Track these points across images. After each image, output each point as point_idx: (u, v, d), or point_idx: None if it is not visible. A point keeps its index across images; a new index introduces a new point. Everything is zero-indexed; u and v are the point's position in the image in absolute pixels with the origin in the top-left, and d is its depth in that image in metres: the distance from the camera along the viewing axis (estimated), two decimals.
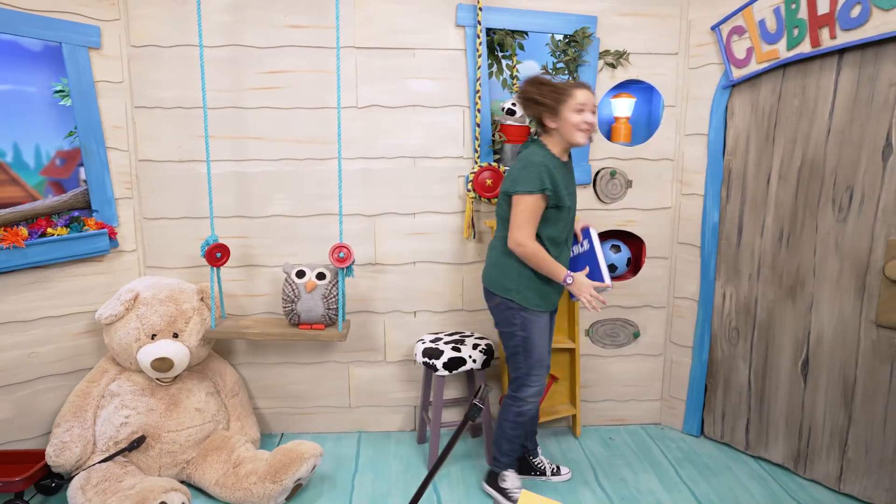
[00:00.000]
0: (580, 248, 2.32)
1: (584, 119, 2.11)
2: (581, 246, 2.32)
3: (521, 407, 2.26)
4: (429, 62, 2.68)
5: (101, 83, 2.54)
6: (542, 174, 2.07)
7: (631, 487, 2.50)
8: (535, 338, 2.22)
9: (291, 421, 2.91)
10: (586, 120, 2.11)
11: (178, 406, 2.44)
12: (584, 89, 2.13)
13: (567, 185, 2.18)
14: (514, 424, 2.29)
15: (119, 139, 2.61)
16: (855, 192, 2.29)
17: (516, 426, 2.29)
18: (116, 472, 2.24)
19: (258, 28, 2.60)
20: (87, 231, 2.53)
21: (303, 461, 2.31)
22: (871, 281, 2.27)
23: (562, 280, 2.12)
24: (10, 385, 2.44)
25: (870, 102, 2.22)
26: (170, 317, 2.44)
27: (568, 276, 2.12)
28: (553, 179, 2.09)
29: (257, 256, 2.76)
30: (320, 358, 2.87)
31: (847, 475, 2.41)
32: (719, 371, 2.83)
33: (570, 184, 2.22)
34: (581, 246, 2.32)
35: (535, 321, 2.21)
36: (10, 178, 2.57)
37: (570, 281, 2.13)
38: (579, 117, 2.10)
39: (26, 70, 2.54)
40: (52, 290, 2.50)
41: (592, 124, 2.14)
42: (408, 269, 2.83)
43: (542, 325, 2.24)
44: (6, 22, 2.32)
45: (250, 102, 2.65)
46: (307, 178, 2.71)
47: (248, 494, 2.27)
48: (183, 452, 2.40)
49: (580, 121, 2.10)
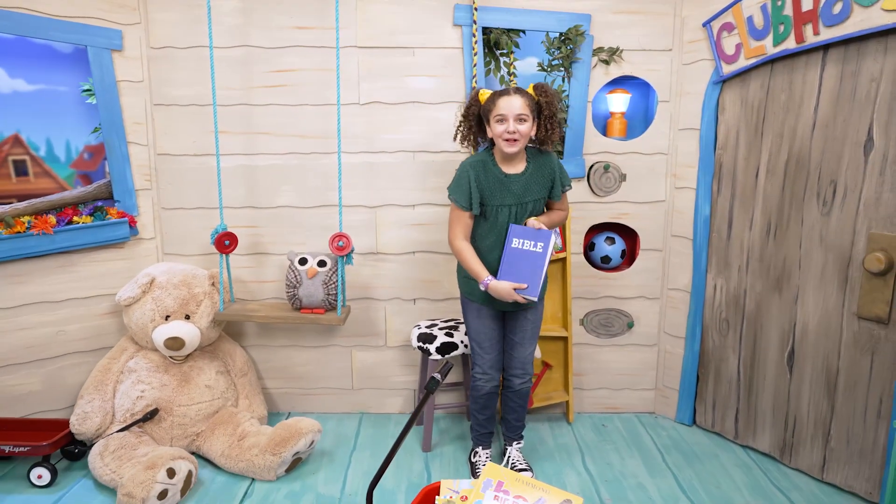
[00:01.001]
0: (535, 247, 2.22)
1: (505, 129, 2.14)
2: (535, 246, 2.22)
3: (473, 383, 2.44)
4: (427, 60, 2.81)
5: (122, 82, 2.74)
6: (463, 181, 2.22)
7: (615, 471, 2.59)
8: (471, 321, 2.40)
9: (298, 401, 3.08)
10: (507, 129, 2.14)
11: (190, 383, 2.63)
12: (506, 97, 2.15)
13: (501, 194, 2.22)
14: (472, 400, 2.48)
15: (139, 134, 2.81)
16: (838, 185, 2.32)
17: (474, 401, 2.48)
18: (132, 441, 2.44)
19: (266, 30, 2.76)
20: (109, 220, 2.74)
21: (301, 436, 2.47)
22: (853, 273, 2.31)
23: (480, 284, 2.23)
24: (40, 360, 2.67)
25: (852, 97, 2.25)
26: (182, 300, 2.63)
27: (482, 284, 2.22)
28: (479, 185, 2.21)
29: (266, 245, 2.93)
30: (325, 342, 3.03)
31: (829, 464, 2.45)
32: (710, 361, 2.88)
33: (506, 194, 2.23)
34: (535, 246, 2.22)
35: (470, 307, 2.39)
36: (43, 170, 2.79)
37: (483, 287, 2.23)
38: (501, 127, 2.15)
39: (58, 71, 2.75)
40: (77, 274, 2.72)
41: (515, 132, 2.14)
42: (407, 259, 2.96)
43: (476, 312, 2.37)
44: (39, 27, 2.53)
45: (259, 100, 2.82)
46: (312, 172, 2.87)
47: (251, 465, 2.45)
48: (193, 425, 2.59)
49: (502, 131, 2.15)
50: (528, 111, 2.17)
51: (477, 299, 2.36)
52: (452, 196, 2.27)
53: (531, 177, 2.28)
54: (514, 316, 2.40)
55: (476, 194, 2.22)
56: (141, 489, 2.13)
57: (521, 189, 2.26)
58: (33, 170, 2.76)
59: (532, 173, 2.28)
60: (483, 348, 2.39)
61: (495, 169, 2.24)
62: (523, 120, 2.16)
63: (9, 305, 2.59)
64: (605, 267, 3.02)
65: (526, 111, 2.16)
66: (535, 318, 2.42)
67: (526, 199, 2.27)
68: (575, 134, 2.84)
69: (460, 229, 2.29)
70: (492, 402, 2.48)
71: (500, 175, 2.24)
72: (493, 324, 2.39)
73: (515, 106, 2.14)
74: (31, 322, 2.64)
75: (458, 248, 2.28)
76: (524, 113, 2.15)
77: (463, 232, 2.29)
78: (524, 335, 2.40)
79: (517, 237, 2.25)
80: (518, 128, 2.15)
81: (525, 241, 2.23)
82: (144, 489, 2.14)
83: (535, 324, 2.42)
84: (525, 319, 2.39)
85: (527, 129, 2.18)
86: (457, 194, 2.26)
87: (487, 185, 2.23)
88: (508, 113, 2.14)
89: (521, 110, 2.15)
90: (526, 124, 2.17)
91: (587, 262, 3.00)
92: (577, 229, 2.94)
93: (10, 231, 2.51)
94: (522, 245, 2.23)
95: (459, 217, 2.28)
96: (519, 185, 2.26)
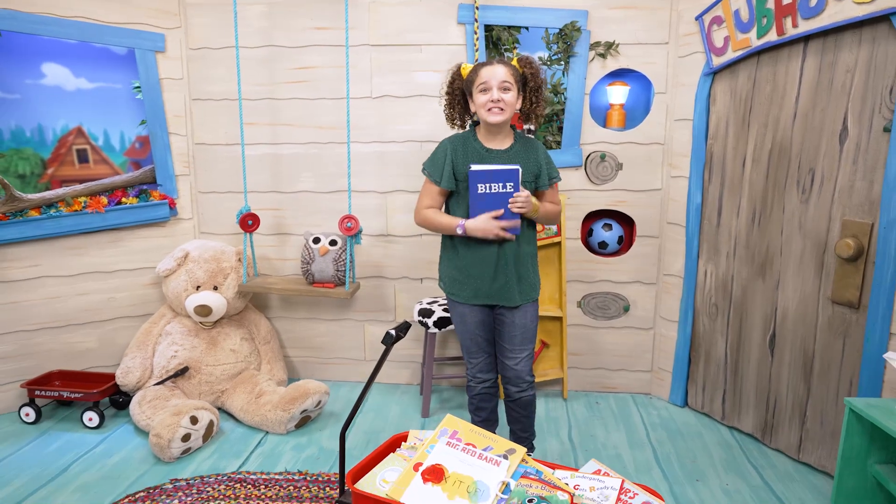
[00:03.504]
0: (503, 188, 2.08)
1: (488, 98, 2.07)
2: (504, 187, 2.08)
3: (467, 383, 2.41)
4: (434, 57, 3.03)
5: (165, 80, 3.10)
6: (438, 155, 2.16)
7: (598, 443, 2.75)
8: (457, 326, 2.31)
9: (315, 369, 3.39)
10: (491, 98, 2.06)
11: (217, 346, 2.97)
12: (489, 66, 2.09)
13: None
14: (468, 400, 2.44)
15: (179, 126, 3.18)
16: (816, 174, 2.39)
17: (469, 401, 2.44)
18: (165, 393, 2.80)
19: (289, 31, 3.06)
20: (152, 201, 3.12)
21: (308, 396, 2.77)
22: (828, 259, 2.37)
23: (455, 230, 2.12)
24: (94, 322, 3.09)
25: (829, 88, 2.31)
26: (212, 272, 2.98)
27: (458, 227, 2.11)
28: (454, 159, 2.13)
29: (288, 226, 3.24)
30: (340, 316, 3.32)
31: (805, 445, 2.53)
32: (701, 345, 2.98)
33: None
34: (504, 187, 2.08)
35: (456, 309, 2.29)
36: (101, 158, 3.20)
37: (461, 231, 2.10)
38: (484, 97, 2.08)
39: (114, 70, 3.14)
40: (125, 248, 3.11)
41: (499, 101, 2.06)
42: (415, 241, 3.20)
43: (460, 318, 2.28)
44: (96, 33, 2.92)
45: (283, 94, 3.12)
46: (329, 160, 3.15)
47: (264, 419, 2.76)
48: (218, 383, 2.94)
49: (485, 100, 2.08)
50: (513, 80, 2.09)
51: (460, 298, 2.25)
52: (426, 170, 2.20)
53: (516, 155, 2.17)
54: (502, 322, 2.26)
55: (449, 168, 2.14)
56: (167, 431, 2.48)
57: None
58: (93, 157, 3.17)
59: (517, 152, 2.18)
60: (471, 353, 2.33)
61: (476, 143, 2.17)
62: (507, 89, 2.08)
63: (70, 273, 3.01)
64: (603, 252, 3.16)
65: (510, 80, 2.08)
66: (525, 323, 2.25)
67: None
68: (572, 125, 2.99)
69: (427, 201, 2.20)
70: (485, 403, 2.40)
71: (481, 150, 2.16)
72: (479, 330, 2.28)
73: (499, 73, 2.07)
74: (87, 289, 3.06)
75: (421, 216, 2.20)
76: (508, 81, 2.07)
77: (429, 205, 2.20)
78: (513, 341, 2.25)
79: (481, 182, 2.07)
80: (502, 96, 2.07)
81: (491, 185, 2.07)
82: (170, 431, 2.48)
83: (524, 329, 2.25)
84: (513, 325, 2.23)
85: (511, 99, 2.09)
86: (430, 168, 2.19)
87: (465, 160, 2.13)
88: (491, 80, 2.06)
89: (504, 77, 2.07)
90: (510, 93, 2.09)
91: (586, 248, 3.15)
92: (574, 216, 3.10)
93: (69, 209, 2.92)
94: (489, 189, 2.07)
95: (429, 190, 2.20)
96: (501, 161, 2.14)
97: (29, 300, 2.92)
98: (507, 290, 2.20)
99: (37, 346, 2.96)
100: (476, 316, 2.27)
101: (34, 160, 2.96)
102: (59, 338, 3.01)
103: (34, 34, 2.79)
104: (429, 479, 1.73)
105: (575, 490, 1.74)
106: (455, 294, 2.27)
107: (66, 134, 3.06)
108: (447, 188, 2.17)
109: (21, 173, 2.93)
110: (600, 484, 1.74)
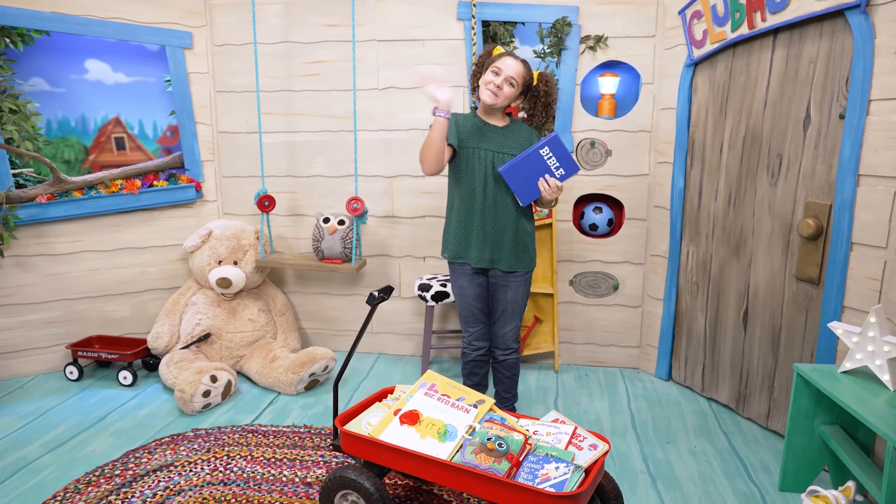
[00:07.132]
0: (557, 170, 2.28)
1: (493, 81, 2.32)
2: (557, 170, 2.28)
3: (462, 349, 2.67)
4: (435, 51, 3.26)
5: (192, 74, 3.42)
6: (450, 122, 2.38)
7: (580, 409, 2.96)
8: (457, 298, 2.58)
9: (327, 340, 3.68)
10: (495, 82, 2.31)
11: (236, 316, 3.28)
12: (511, 58, 2.34)
13: (477, 138, 2.39)
14: (462, 365, 2.69)
15: (204, 116, 3.49)
16: (783, 158, 2.55)
17: (463, 366, 2.68)
18: (190, 356, 3.12)
19: (303, 28, 3.33)
20: (180, 184, 3.44)
21: (316, 361, 3.05)
22: (793, 239, 2.53)
23: (435, 118, 2.28)
24: (129, 293, 3.43)
25: (795, 78, 2.46)
26: (232, 249, 3.28)
27: (435, 112, 2.28)
28: (457, 125, 2.39)
29: (302, 207, 3.53)
30: (350, 291, 3.60)
31: (773, 413, 2.70)
32: (684, 321, 3.16)
33: (482, 139, 2.39)
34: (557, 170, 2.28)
35: (455, 273, 2.55)
36: (136, 145, 3.54)
37: (441, 115, 2.27)
38: (491, 76, 2.33)
39: (148, 65, 3.46)
40: (156, 227, 3.45)
41: (499, 87, 2.31)
42: (418, 222, 3.45)
43: (460, 287, 2.53)
44: (132, 32, 3.25)
45: (298, 86, 3.40)
46: (339, 147, 3.42)
47: (276, 381, 3.06)
48: (237, 349, 3.25)
49: (489, 80, 2.33)
50: (520, 81, 2.33)
51: (460, 256, 2.48)
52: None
53: (510, 131, 2.43)
54: (495, 297, 2.54)
55: (454, 127, 2.38)
56: (190, 387, 2.80)
57: (499, 139, 2.41)
58: (129, 145, 3.50)
59: (512, 130, 2.44)
60: (468, 323, 2.59)
61: (476, 118, 2.44)
62: (511, 84, 2.32)
63: (109, 248, 3.35)
64: (593, 234, 3.36)
65: (518, 79, 2.33)
66: (516, 300, 2.52)
67: (504, 150, 2.39)
68: (563, 114, 3.19)
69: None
70: (478, 369, 2.66)
71: (480, 122, 2.43)
72: (476, 303, 2.54)
73: (512, 67, 2.32)
74: (123, 263, 3.40)
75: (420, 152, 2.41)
76: (515, 78, 2.32)
77: None
78: (504, 313, 2.54)
79: (551, 148, 2.24)
80: (504, 85, 2.31)
81: (553, 158, 2.26)
82: (192, 387, 2.80)
83: (514, 304, 2.52)
84: (505, 300, 2.52)
85: (509, 93, 2.33)
86: None
87: (465, 128, 2.41)
88: (503, 69, 2.31)
89: (514, 74, 2.32)
90: (512, 89, 2.32)
91: (578, 230, 3.35)
92: (565, 198, 3.30)
93: (107, 190, 3.26)
94: (549, 159, 2.26)
95: None
96: (496, 134, 2.41)
97: (72, 272, 3.28)
98: (501, 251, 2.44)
99: (79, 313, 3.32)
100: (474, 290, 2.54)
101: (78, 147, 3.31)
102: (98, 306, 3.36)
103: (78, 34, 3.13)
104: (405, 422, 1.99)
105: (533, 435, 1.97)
106: (458, 256, 2.50)
107: (106, 124, 3.40)
108: (451, 143, 2.38)
109: (66, 159, 3.28)
110: (556, 430, 1.97)
